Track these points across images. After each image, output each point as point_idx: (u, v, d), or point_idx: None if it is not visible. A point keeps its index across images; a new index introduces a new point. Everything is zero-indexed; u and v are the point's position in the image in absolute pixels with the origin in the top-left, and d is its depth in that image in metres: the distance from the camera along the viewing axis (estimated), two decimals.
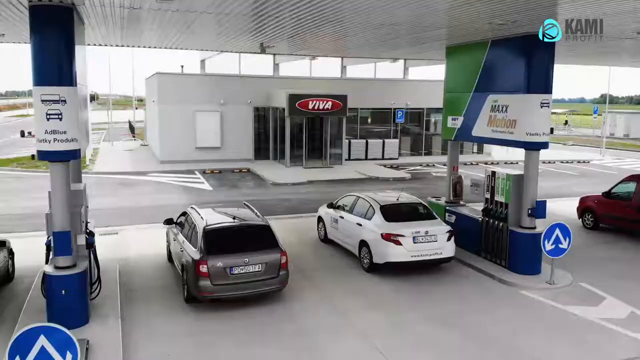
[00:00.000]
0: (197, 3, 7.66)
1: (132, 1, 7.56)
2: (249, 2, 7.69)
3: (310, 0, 7.43)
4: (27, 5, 7.49)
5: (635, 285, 10.23)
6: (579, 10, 8.12)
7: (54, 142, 7.48)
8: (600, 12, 8.08)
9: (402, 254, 10.17)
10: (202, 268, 8.43)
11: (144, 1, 7.57)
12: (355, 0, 7.46)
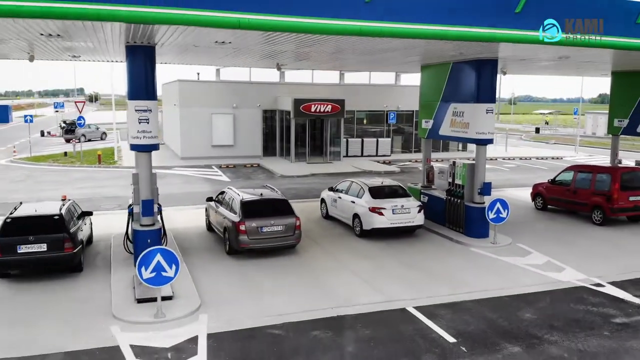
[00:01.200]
0: (246, 42, 11.12)
1: (194, 41, 11.06)
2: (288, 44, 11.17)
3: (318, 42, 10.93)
4: (124, 44, 11.00)
5: (558, 246, 13.72)
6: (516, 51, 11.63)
7: (143, 139, 10.97)
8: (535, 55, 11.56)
9: (384, 222, 13.69)
10: (242, 227, 11.95)
11: (203, 41, 11.07)
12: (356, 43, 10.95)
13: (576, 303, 9.97)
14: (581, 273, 11.54)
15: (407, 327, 8.79)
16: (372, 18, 9.14)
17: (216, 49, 12.07)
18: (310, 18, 8.77)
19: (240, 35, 9.66)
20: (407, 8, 9.39)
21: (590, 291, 10.58)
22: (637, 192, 16.02)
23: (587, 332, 8.71)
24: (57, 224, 10.85)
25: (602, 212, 16.06)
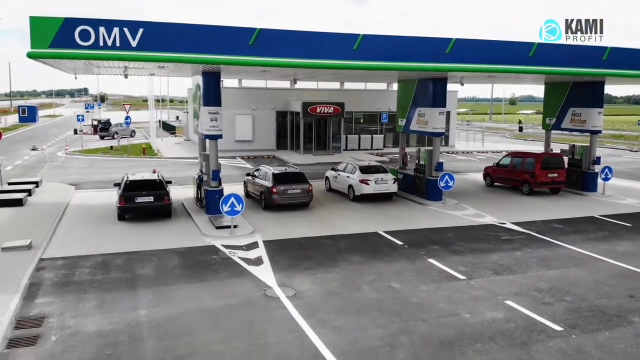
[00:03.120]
0: (281, 71, 17.34)
1: (246, 69, 17.29)
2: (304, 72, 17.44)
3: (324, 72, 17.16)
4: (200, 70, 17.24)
5: (489, 205, 19.87)
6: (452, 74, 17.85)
7: (214, 131, 17.22)
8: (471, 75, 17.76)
9: (369, 189, 19.91)
10: (274, 190, 18.20)
11: (253, 71, 17.29)
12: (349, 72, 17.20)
13: (482, 230, 16.22)
14: (495, 218, 17.78)
15: (376, 239, 15.05)
16: (358, 59, 15.43)
17: (258, 73, 18.36)
18: (318, 59, 15.06)
19: (276, 69, 15.95)
20: (381, 53, 15.67)
21: (495, 226, 16.83)
22: (554, 171, 22.24)
23: (481, 242, 14.92)
24: (158, 185, 17.15)
25: (529, 185, 22.28)
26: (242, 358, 8.24)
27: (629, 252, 14.24)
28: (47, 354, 8.30)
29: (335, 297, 10.76)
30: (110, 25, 13.12)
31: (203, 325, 9.35)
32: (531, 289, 11.23)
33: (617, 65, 18.68)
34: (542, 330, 9.24)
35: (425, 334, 9.06)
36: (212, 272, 12.28)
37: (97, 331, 9.08)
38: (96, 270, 12.23)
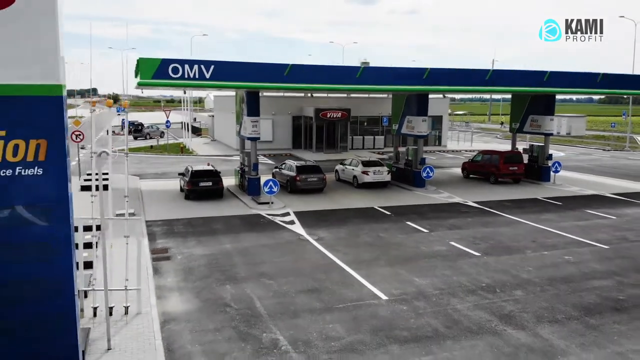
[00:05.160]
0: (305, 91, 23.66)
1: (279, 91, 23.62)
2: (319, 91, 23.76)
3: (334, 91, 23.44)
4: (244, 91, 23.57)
5: (460, 190, 26.06)
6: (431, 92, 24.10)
7: (254, 134, 23.57)
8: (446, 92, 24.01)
9: (369, 178, 26.20)
10: (297, 178, 24.54)
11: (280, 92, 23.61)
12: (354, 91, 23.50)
13: (449, 206, 22.48)
14: (461, 199, 24.03)
15: (372, 211, 21.36)
16: (362, 83, 21.75)
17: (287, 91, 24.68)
18: (333, 84, 21.41)
19: None
20: (377, 79, 21.98)
21: (459, 204, 23.09)
22: (514, 165, 28.43)
23: (445, 212, 21.16)
24: (215, 173, 23.56)
25: (494, 176, 28.49)
26: (292, 263, 14.57)
27: (549, 219, 20.45)
28: (181, 262, 14.67)
29: (343, 239, 17.09)
30: (192, 63, 19.51)
31: (265, 251, 15.71)
32: (469, 237, 17.50)
33: (555, 85, 24.91)
34: (466, 255, 15.52)
35: (396, 255, 15.37)
36: (263, 227, 18.67)
37: (203, 254, 15.44)
38: (186, 227, 18.64)
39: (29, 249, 5.12)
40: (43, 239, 5.14)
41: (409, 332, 10.33)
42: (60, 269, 5.26)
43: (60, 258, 5.24)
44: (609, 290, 12.88)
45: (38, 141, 4.97)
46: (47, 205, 5.10)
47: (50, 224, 5.14)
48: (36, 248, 5.14)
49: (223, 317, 11.01)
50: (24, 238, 5.14)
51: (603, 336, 10.35)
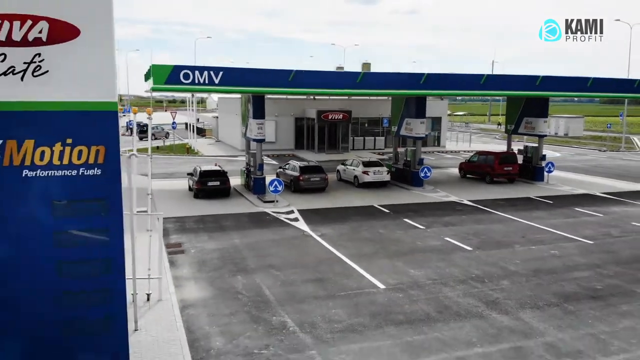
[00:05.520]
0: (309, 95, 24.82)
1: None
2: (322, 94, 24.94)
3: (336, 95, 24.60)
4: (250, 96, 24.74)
5: (456, 190, 27.22)
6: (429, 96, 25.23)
7: (259, 136, 24.73)
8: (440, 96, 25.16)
9: (369, 178, 27.35)
10: (301, 178, 25.70)
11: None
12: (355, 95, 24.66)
13: (445, 204, 23.62)
14: (457, 197, 25.17)
15: (372, 209, 22.52)
16: (362, 88, 22.90)
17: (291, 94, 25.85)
18: (335, 89, 22.56)
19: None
20: (376, 84, 23.12)
21: (455, 202, 24.23)
22: (509, 165, 29.55)
23: (441, 210, 22.31)
24: (222, 173, 24.72)
25: (490, 176, 29.62)
26: (297, 257, 15.72)
27: (539, 216, 21.58)
28: (195, 256, 15.83)
29: (344, 235, 18.24)
30: (202, 69, 20.67)
31: (272, 246, 16.87)
32: (462, 233, 18.65)
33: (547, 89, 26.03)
34: (459, 249, 16.66)
35: (393, 249, 16.53)
36: (269, 223, 19.83)
37: (215, 248, 16.60)
38: (197, 223, 19.81)
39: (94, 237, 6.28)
40: (101, 226, 6.29)
41: (403, 316, 11.48)
42: (115, 250, 6.40)
43: (115, 241, 6.39)
44: (588, 280, 14.02)
45: (97, 147, 6.12)
46: (104, 198, 6.26)
47: (107, 214, 6.30)
48: (96, 233, 6.29)
49: (236, 303, 12.17)
50: (86, 225, 6.30)
51: (578, 320, 11.49)
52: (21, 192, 5.99)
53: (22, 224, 6.08)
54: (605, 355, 9.95)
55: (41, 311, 6.26)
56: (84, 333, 6.44)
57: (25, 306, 6.25)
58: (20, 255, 6.16)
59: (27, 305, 6.25)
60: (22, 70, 5.83)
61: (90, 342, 6.54)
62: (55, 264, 6.21)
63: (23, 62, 5.82)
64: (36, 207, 6.07)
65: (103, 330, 6.49)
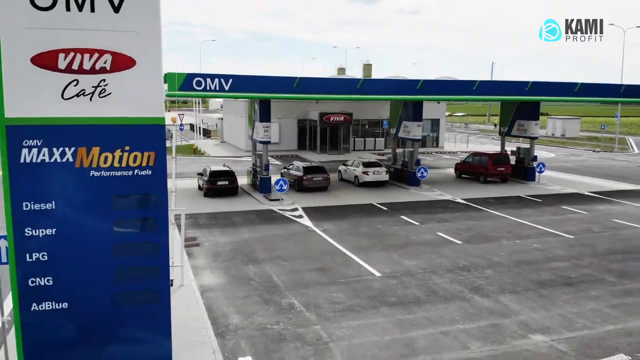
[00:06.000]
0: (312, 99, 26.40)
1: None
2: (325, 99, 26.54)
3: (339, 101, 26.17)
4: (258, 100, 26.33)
5: (452, 189, 28.78)
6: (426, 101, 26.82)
7: (266, 138, 26.32)
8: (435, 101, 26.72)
9: (369, 178, 28.93)
10: (304, 177, 27.29)
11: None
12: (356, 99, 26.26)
13: (440, 202, 25.18)
14: (451, 196, 26.73)
15: (371, 206, 24.09)
16: (362, 93, 24.48)
17: None
18: (337, 94, 24.15)
19: None
20: (375, 90, 24.70)
21: (449, 200, 25.79)
22: (502, 165, 31.11)
23: (436, 208, 23.88)
24: (231, 173, 26.33)
25: (484, 176, 31.17)
26: (302, 249, 17.30)
27: (527, 214, 23.13)
28: (209, 248, 17.42)
29: (345, 230, 19.83)
30: (213, 77, 22.26)
31: (279, 239, 18.45)
32: (454, 228, 20.22)
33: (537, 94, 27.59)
34: (450, 243, 18.24)
35: (390, 243, 18.11)
36: (275, 220, 21.42)
37: (227, 242, 18.20)
38: (209, 219, 21.41)
39: (146, 224, 7.87)
40: (152, 216, 7.87)
41: (396, 299, 13.07)
42: (161, 235, 7.97)
43: (161, 227, 7.96)
44: (564, 270, 15.59)
45: (149, 153, 7.70)
46: (154, 194, 7.86)
47: (156, 206, 7.88)
48: (148, 222, 7.88)
49: (249, 288, 13.76)
50: (140, 215, 7.90)
51: (550, 303, 13.06)
52: (88, 188, 7.59)
53: (89, 213, 7.69)
54: (570, 330, 11.51)
55: (102, 284, 7.86)
56: (137, 303, 8.03)
57: (89, 280, 7.85)
58: (85, 237, 7.75)
59: (90, 279, 7.84)
60: (90, 93, 7.42)
61: (141, 312, 8.14)
62: (114, 246, 7.80)
63: (91, 86, 7.42)
64: (100, 199, 7.67)
65: (152, 301, 8.08)
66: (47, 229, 7.55)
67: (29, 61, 7.23)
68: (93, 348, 8.02)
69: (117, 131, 7.59)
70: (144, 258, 8.00)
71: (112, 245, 7.83)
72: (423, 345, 10.66)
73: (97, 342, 8.03)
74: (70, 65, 7.35)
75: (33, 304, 7.68)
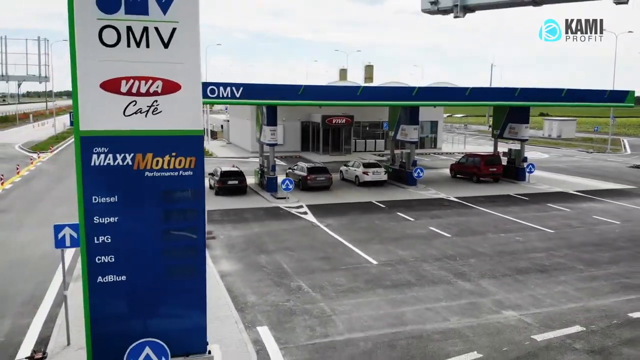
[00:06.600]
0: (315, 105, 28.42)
1: None
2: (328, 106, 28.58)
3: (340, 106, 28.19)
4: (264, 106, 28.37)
5: (446, 188, 30.79)
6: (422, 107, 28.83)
7: (272, 140, 28.37)
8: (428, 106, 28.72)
9: (368, 178, 30.95)
10: (308, 177, 29.34)
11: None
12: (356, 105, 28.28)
13: (434, 200, 27.19)
14: (445, 194, 28.73)
15: (370, 204, 26.12)
16: (362, 100, 26.52)
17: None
18: (338, 101, 26.20)
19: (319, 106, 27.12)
20: (374, 96, 26.73)
21: (443, 199, 27.80)
22: (494, 166, 33.11)
23: (430, 205, 25.89)
24: (240, 173, 28.39)
25: (476, 176, 33.17)
26: (307, 241, 19.34)
27: (514, 211, 25.13)
28: (224, 241, 19.47)
29: (346, 225, 21.86)
30: (225, 85, 24.31)
31: (286, 233, 20.50)
32: (445, 224, 22.23)
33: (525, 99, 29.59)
34: (440, 236, 20.26)
35: (386, 236, 20.14)
36: (282, 216, 23.47)
37: (239, 235, 20.24)
38: (222, 215, 23.46)
39: (187, 214, 9.92)
40: (192, 207, 9.92)
41: (390, 282, 15.10)
42: (199, 221, 10.01)
43: (200, 216, 10.01)
44: (540, 259, 17.61)
45: (191, 158, 9.73)
46: (194, 190, 9.92)
47: (196, 200, 9.94)
48: (190, 213, 9.94)
49: (261, 273, 15.81)
50: (183, 206, 9.96)
51: (524, 286, 15.08)
52: (143, 185, 9.64)
53: (143, 205, 9.74)
54: (537, 307, 13.53)
55: (153, 261, 9.90)
56: (180, 277, 10.09)
57: (142, 258, 9.89)
58: (140, 224, 9.79)
59: (144, 257, 9.88)
60: (146, 111, 9.46)
61: (183, 285, 10.18)
62: (163, 232, 9.85)
63: (146, 106, 9.45)
64: (152, 194, 9.71)
65: (192, 276, 10.14)
66: (111, 218, 9.59)
67: (99, 86, 9.27)
68: (144, 314, 10.07)
69: (166, 141, 9.63)
70: (186, 241, 10.06)
71: (160, 230, 9.87)
72: (410, 318, 12.70)
73: (147, 309, 10.08)
74: (130, 90, 9.39)
75: (99, 277, 9.71)
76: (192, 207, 10.09)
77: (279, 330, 11.94)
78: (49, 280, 15.07)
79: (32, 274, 15.74)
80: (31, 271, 15.98)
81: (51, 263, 16.54)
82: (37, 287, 14.64)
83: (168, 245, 10.05)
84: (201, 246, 10.28)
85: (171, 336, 8.31)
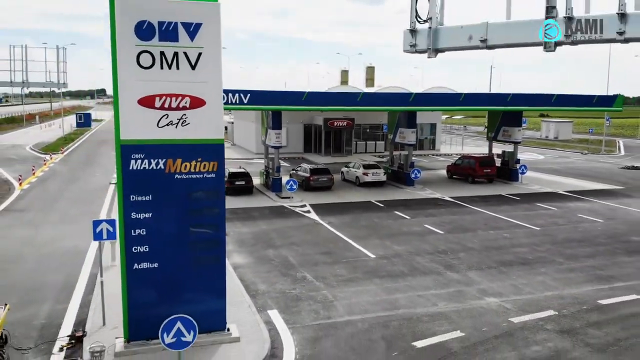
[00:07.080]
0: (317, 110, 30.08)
1: None
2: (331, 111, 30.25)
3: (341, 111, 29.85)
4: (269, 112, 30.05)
5: (436, 188, 32.42)
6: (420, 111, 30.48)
7: (277, 143, 30.03)
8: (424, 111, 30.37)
9: (368, 178, 32.60)
10: (311, 178, 31.00)
11: None
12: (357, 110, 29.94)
13: (430, 200, 28.84)
14: (440, 194, 30.37)
15: (369, 203, 27.78)
16: (362, 105, 28.19)
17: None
18: (339, 106, 27.87)
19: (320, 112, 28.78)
20: (374, 102, 28.39)
21: (438, 198, 29.44)
22: (488, 167, 34.74)
23: (426, 204, 27.53)
24: (246, 174, 30.08)
25: (471, 177, 34.81)
26: (311, 237, 21.00)
27: (504, 209, 26.77)
28: (234, 237, 21.13)
29: (347, 223, 23.52)
30: (234, 92, 25.98)
31: (291, 230, 22.16)
32: (439, 221, 23.88)
33: (516, 104, 31.22)
34: (434, 233, 21.90)
35: (384, 233, 21.80)
36: (287, 215, 25.14)
37: (248, 232, 21.91)
38: (230, 214, 25.09)
39: (209, 211, 11.59)
40: (214, 205, 11.59)
41: (386, 273, 16.76)
42: (220, 218, 11.68)
43: (220, 212, 11.68)
44: (524, 253, 19.24)
45: (213, 162, 11.38)
46: (215, 189, 11.57)
47: (217, 199, 11.60)
48: (213, 210, 11.60)
49: (270, 265, 17.48)
50: (206, 204, 11.61)
51: (506, 276, 16.72)
52: (173, 186, 11.31)
53: (173, 203, 11.41)
54: (517, 295, 15.18)
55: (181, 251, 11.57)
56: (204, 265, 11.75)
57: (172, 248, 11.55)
58: (170, 219, 11.46)
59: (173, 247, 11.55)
60: (176, 123, 11.12)
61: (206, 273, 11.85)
62: (189, 225, 11.51)
63: (177, 118, 11.12)
64: (180, 194, 11.38)
65: (214, 264, 11.80)
66: (146, 214, 11.26)
67: (136, 102, 10.95)
68: (173, 297, 11.74)
69: (193, 148, 11.31)
70: (209, 234, 11.74)
71: (187, 225, 11.55)
72: (403, 303, 14.36)
73: (175, 292, 11.75)
74: (163, 105, 11.07)
75: (135, 264, 11.39)
76: (214, 205, 11.80)
77: (287, 313, 13.61)
78: (77, 271, 16.75)
79: (61, 266, 17.40)
80: (60, 264, 17.64)
81: (76, 256, 18.26)
82: (68, 277, 16.30)
83: (193, 238, 11.74)
84: (222, 239, 11.99)
85: (195, 316, 9.88)
